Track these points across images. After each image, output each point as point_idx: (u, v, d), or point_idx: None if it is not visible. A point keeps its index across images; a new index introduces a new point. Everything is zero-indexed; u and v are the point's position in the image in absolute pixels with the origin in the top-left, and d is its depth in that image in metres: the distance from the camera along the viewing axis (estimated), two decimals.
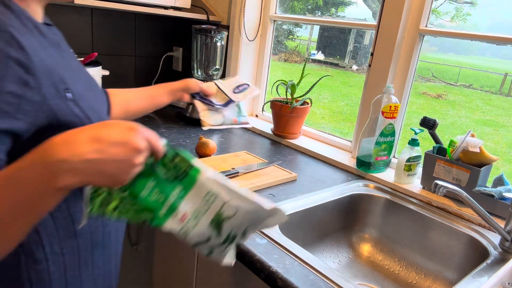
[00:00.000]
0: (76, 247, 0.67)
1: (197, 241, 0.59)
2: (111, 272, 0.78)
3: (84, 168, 0.45)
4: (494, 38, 1.08)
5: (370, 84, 1.29)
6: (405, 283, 1.04)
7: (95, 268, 0.72)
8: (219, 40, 1.65)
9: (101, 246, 0.72)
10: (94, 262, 0.71)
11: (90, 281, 0.72)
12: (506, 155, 2.49)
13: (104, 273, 0.75)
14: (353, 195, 1.14)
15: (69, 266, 0.67)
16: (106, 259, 0.75)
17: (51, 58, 0.58)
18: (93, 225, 0.69)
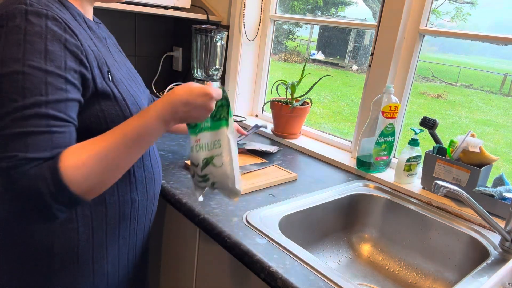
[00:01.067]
0: (105, 214, 0.74)
1: (192, 162, 0.77)
2: (136, 246, 0.84)
3: (182, 118, 0.69)
4: (494, 38, 1.08)
5: (370, 84, 1.29)
6: (405, 283, 1.04)
7: (121, 239, 0.79)
8: (219, 40, 1.65)
9: (128, 219, 0.78)
10: (121, 233, 0.78)
11: (115, 249, 0.78)
12: (506, 155, 2.50)
13: (129, 244, 0.81)
14: (353, 195, 1.14)
15: (96, 231, 0.73)
16: (132, 233, 0.81)
17: (96, 47, 0.70)
18: (121, 199, 0.76)
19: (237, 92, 1.75)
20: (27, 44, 0.58)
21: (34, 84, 0.57)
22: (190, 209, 0.93)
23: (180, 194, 0.98)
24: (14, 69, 0.57)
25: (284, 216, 0.95)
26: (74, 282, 0.74)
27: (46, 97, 0.58)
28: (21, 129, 0.56)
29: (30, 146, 0.56)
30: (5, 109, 0.57)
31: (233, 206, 0.95)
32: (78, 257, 0.73)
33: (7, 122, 0.56)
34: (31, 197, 0.56)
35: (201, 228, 0.90)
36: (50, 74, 0.59)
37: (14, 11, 0.59)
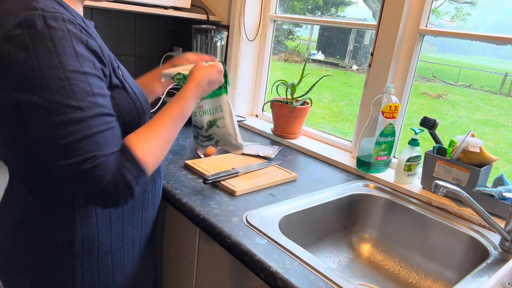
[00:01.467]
0: (121, 207, 0.78)
1: (195, 125, 0.92)
2: (147, 235, 0.88)
3: (205, 92, 0.85)
4: (494, 38, 1.08)
5: (370, 84, 1.29)
6: (405, 283, 1.04)
7: (135, 228, 0.83)
8: (219, 40, 1.65)
9: (140, 208, 0.83)
10: (134, 223, 0.82)
11: (130, 239, 0.82)
12: (506, 155, 2.50)
13: (141, 234, 0.85)
14: (353, 195, 1.14)
15: (114, 223, 0.77)
16: (144, 222, 0.85)
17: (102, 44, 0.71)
18: None
19: (237, 92, 1.75)
20: (58, 50, 0.59)
21: (81, 88, 0.60)
22: (190, 209, 0.93)
23: (180, 194, 0.98)
24: (58, 76, 0.59)
25: (284, 216, 0.95)
26: (94, 276, 0.77)
27: (94, 97, 0.62)
28: (88, 131, 0.61)
29: (102, 144, 0.62)
30: (63, 116, 0.59)
31: (233, 206, 0.95)
32: (98, 250, 0.76)
33: (71, 128, 0.59)
34: (119, 187, 0.63)
35: (201, 228, 0.90)
36: (89, 75, 0.62)
37: (32, 18, 0.59)
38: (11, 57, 0.58)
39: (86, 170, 0.60)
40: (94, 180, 0.61)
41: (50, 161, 0.61)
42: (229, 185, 1.03)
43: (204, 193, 1.01)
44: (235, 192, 1.01)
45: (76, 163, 0.60)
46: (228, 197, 1.00)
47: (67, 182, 0.62)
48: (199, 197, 0.98)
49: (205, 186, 1.04)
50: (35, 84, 0.58)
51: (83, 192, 0.62)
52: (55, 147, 0.60)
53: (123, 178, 0.64)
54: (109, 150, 0.63)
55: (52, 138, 0.59)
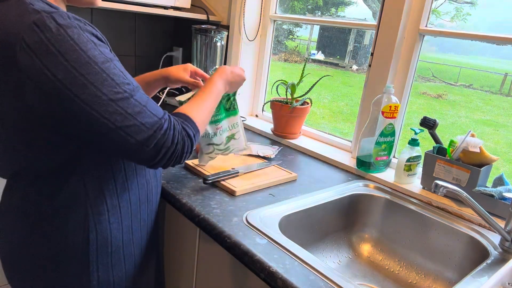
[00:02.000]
0: (129, 200, 0.80)
1: (212, 143, 1.07)
2: (152, 226, 0.91)
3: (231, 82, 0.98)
4: (494, 38, 1.08)
5: (370, 84, 1.29)
6: (405, 283, 1.04)
7: (142, 220, 0.85)
8: (219, 40, 1.65)
9: (146, 201, 0.86)
10: (141, 215, 0.85)
11: (138, 231, 0.85)
12: (506, 155, 2.49)
13: (148, 225, 0.88)
14: (353, 195, 1.14)
15: (124, 217, 0.80)
16: (149, 213, 0.88)
17: None
18: (139, 182, 0.82)
19: (237, 92, 1.75)
20: (81, 46, 0.61)
21: (116, 74, 0.65)
22: (190, 209, 0.93)
23: (180, 194, 0.98)
24: (95, 71, 0.62)
25: (284, 216, 0.95)
26: (109, 271, 0.78)
27: (126, 77, 0.67)
28: (141, 107, 0.67)
29: (156, 111, 0.69)
30: (118, 103, 0.64)
31: (233, 206, 0.95)
32: (111, 245, 0.77)
33: (128, 110, 0.65)
34: (185, 144, 0.73)
35: (201, 228, 0.90)
36: (113, 60, 0.66)
37: (42, 21, 0.59)
38: (39, 67, 0.58)
39: (159, 139, 0.68)
40: (168, 144, 0.69)
41: (121, 145, 0.66)
42: (229, 185, 1.03)
43: (204, 193, 1.01)
44: (235, 192, 1.01)
45: (149, 136, 0.67)
46: (228, 197, 1.00)
47: (143, 155, 0.68)
48: (199, 197, 0.98)
49: (205, 186, 1.04)
50: (78, 85, 0.60)
51: (159, 157, 0.69)
52: (122, 131, 0.64)
53: (188, 136, 0.74)
54: (164, 114, 0.71)
55: (116, 125, 0.63)
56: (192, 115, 0.78)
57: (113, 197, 0.76)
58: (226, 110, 1.08)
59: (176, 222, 1.06)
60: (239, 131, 1.11)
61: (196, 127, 0.78)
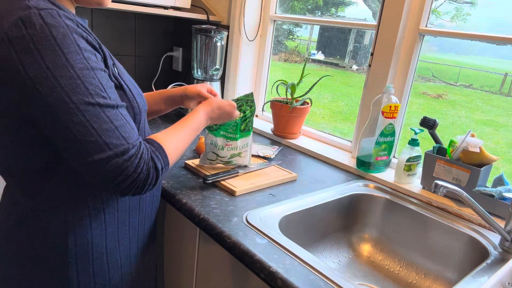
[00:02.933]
0: (116, 206, 0.77)
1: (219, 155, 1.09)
2: (145, 234, 0.87)
3: (215, 118, 0.94)
4: (494, 38, 1.08)
5: (370, 84, 1.29)
6: (405, 283, 1.04)
7: (131, 228, 0.82)
8: (219, 40, 1.65)
9: (137, 209, 0.82)
10: (130, 223, 0.82)
11: (126, 239, 0.82)
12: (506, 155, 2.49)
13: (139, 233, 0.85)
14: (353, 195, 1.14)
15: (108, 223, 0.76)
16: (141, 222, 0.85)
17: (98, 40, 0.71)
18: None
19: (237, 92, 1.75)
20: (62, 48, 0.58)
21: (93, 84, 0.61)
22: (190, 209, 0.93)
23: (180, 194, 0.98)
24: (69, 75, 0.59)
25: (284, 216, 0.95)
26: (90, 277, 0.76)
27: (106, 92, 0.63)
28: (111, 125, 0.63)
29: (128, 135, 0.65)
30: (85, 114, 0.60)
31: (233, 206, 0.95)
32: (92, 250, 0.75)
33: (94, 124, 0.61)
34: (150, 175, 0.68)
35: (201, 228, 0.90)
36: (96, 70, 0.63)
37: (29, 17, 0.57)
38: (15, 62, 0.57)
39: (120, 164, 0.63)
40: (128, 172, 0.64)
41: (78, 159, 0.62)
42: (229, 185, 1.03)
43: (204, 193, 1.01)
44: (235, 192, 1.01)
45: (109, 157, 0.62)
46: (228, 197, 1.00)
47: (98, 175, 0.63)
48: (199, 197, 0.98)
49: (205, 186, 1.04)
50: (47, 86, 0.58)
51: (116, 182, 0.64)
52: (82, 145, 0.60)
53: (155, 168, 0.69)
54: (136, 140, 0.66)
55: (77, 137, 0.60)
56: (165, 145, 0.73)
57: (97, 201, 0.74)
58: (241, 131, 1.09)
59: (176, 222, 1.05)
60: (247, 150, 1.12)
61: (167, 159, 0.73)
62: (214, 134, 1.07)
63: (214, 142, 1.07)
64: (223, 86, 1.78)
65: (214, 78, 1.70)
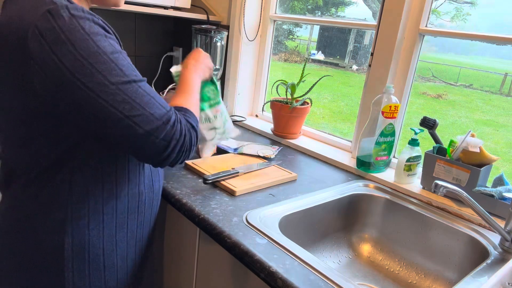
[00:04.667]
0: (115, 208, 0.77)
1: (214, 127, 1.03)
2: (143, 239, 0.87)
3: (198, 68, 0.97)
4: (494, 38, 1.08)
5: (370, 84, 1.29)
6: (405, 283, 1.04)
7: (129, 231, 0.82)
8: (219, 40, 1.65)
9: (136, 211, 0.82)
10: (129, 226, 0.82)
11: (124, 242, 0.81)
12: (506, 155, 2.49)
13: (137, 237, 0.85)
14: (353, 195, 1.14)
15: (106, 225, 0.77)
16: (139, 225, 0.85)
17: None
18: (130, 191, 0.80)
19: (237, 92, 1.75)
20: (92, 36, 0.62)
21: (125, 65, 0.65)
22: (190, 209, 0.93)
23: (180, 194, 0.98)
24: (103, 60, 0.62)
25: (284, 216, 0.95)
26: (85, 279, 0.75)
27: (135, 69, 0.68)
28: (149, 96, 0.67)
29: (163, 104, 0.69)
30: (125, 92, 0.64)
31: (233, 206, 0.95)
32: (89, 252, 0.74)
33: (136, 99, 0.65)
34: (192, 136, 0.73)
35: (201, 228, 0.90)
36: (123, 52, 0.67)
37: (57, 10, 0.60)
38: (48, 54, 0.59)
39: (168, 131, 0.67)
40: (177, 136, 0.69)
41: (129, 136, 0.65)
42: (229, 185, 1.03)
43: (204, 193, 1.01)
44: (235, 192, 1.01)
45: (158, 127, 0.66)
46: (228, 197, 1.00)
47: (152, 147, 0.67)
48: (199, 197, 0.98)
49: (205, 186, 1.04)
50: (85, 74, 0.60)
51: (168, 151, 0.68)
52: (130, 120, 0.64)
53: (193, 127, 0.74)
54: (170, 108, 0.71)
55: (124, 114, 0.63)
56: (189, 107, 0.79)
57: (98, 202, 0.74)
58: (211, 106, 1.06)
59: (176, 222, 1.05)
60: (228, 115, 1.10)
61: (196, 118, 0.78)
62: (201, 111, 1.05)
63: (206, 118, 1.02)
64: (223, 86, 1.78)
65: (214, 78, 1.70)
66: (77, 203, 0.72)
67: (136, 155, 0.71)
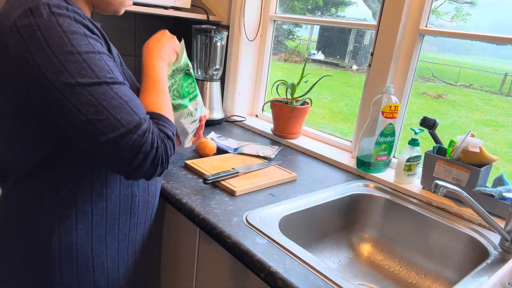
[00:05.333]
0: (104, 209, 0.75)
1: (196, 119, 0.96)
2: (136, 241, 0.86)
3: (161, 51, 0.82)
4: (494, 38, 1.08)
5: (370, 84, 1.29)
6: (405, 283, 1.04)
7: (121, 233, 0.80)
8: (219, 40, 1.65)
9: (128, 213, 0.80)
10: (120, 227, 0.80)
11: (115, 244, 0.80)
12: (506, 155, 2.49)
13: (129, 239, 0.83)
14: (353, 195, 1.14)
15: (95, 226, 0.75)
16: (132, 228, 0.83)
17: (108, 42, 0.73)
18: (122, 193, 0.78)
19: (237, 92, 1.75)
20: (68, 34, 0.60)
21: (99, 66, 0.62)
22: (190, 209, 0.93)
23: (180, 194, 0.98)
24: (74, 59, 0.60)
25: (284, 216, 0.95)
26: (74, 279, 0.75)
27: (113, 73, 0.64)
28: (121, 100, 0.62)
29: (137, 111, 0.64)
30: (93, 94, 0.60)
31: (233, 206, 0.95)
32: (77, 252, 0.73)
33: (103, 102, 0.60)
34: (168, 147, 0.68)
35: (201, 228, 0.90)
36: (102, 54, 0.64)
37: (37, 7, 0.59)
38: (22, 50, 0.58)
39: (136, 140, 0.62)
40: (147, 149, 0.63)
41: (92, 141, 0.61)
42: (229, 185, 1.03)
43: (204, 193, 1.01)
44: (235, 192, 1.01)
45: (122, 134, 0.61)
46: (228, 197, 1.00)
47: (116, 156, 0.61)
48: (199, 197, 0.98)
49: (205, 186, 1.04)
50: (54, 72, 0.58)
51: (137, 162, 0.63)
52: (93, 125, 0.60)
53: (167, 137, 0.68)
54: (146, 114, 0.66)
55: (87, 117, 0.60)
56: (162, 111, 0.72)
57: (86, 203, 0.73)
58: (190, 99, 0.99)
59: (176, 222, 1.05)
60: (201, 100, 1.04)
61: (172, 124, 0.72)
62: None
63: (188, 113, 0.96)
64: (223, 86, 1.78)
65: (214, 78, 1.70)
66: (65, 204, 0.71)
67: (104, 164, 0.67)
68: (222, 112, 1.71)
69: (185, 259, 1.03)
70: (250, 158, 1.27)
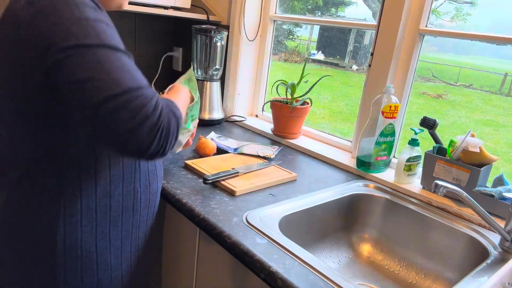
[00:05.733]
0: (109, 206, 0.76)
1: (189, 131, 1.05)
2: (139, 239, 0.86)
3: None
4: (494, 38, 1.08)
5: (370, 84, 1.29)
6: (405, 283, 1.04)
7: (124, 230, 0.81)
8: (219, 40, 1.65)
9: (131, 210, 0.81)
10: (123, 224, 0.81)
11: (118, 241, 0.80)
12: (506, 155, 2.49)
13: (132, 236, 0.84)
14: (353, 195, 1.14)
15: (100, 223, 0.76)
16: (135, 225, 0.84)
17: None
18: (125, 189, 0.79)
19: (237, 92, 1.75)
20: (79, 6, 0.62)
21: (106, 33, 0.62)
22: (190, 209, 0.93)
23: (180, 194, 0.98)
24: (80, 24, 0.60)
25: (284, 216, 0.95)
26: (78, 275, 0.75)
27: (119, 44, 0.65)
28: (127, 66, 0.62)
29: (140, 79, 0.63)
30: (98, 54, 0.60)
31: (233, 206, 0.95)
32: (81, 249, 0.74)
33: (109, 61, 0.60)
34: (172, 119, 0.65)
35: (201, 228, 0.90)
36: (111, 27, 0.65)
37: None
38: (33, 19, 0.60)
39: (139, 96, 0.59)
40: (149, 110, 0.59)
41: (89, 100, 0.57)
42: (229, 185, 1.03)
43: (204, 193, 1.01)
44: (235, 192, 1.01)
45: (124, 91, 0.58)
46: (228, 197, 1.00)
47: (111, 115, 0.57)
48: (199, 197, 0.98)
49: (205, 186, 1.04)
50: (61, 35, 0.59)
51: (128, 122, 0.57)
52: (95, 81, 0.58)
53: (174, 114, 0.65)
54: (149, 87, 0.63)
55: (88, 76, 0.58)
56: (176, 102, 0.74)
57: (91, 199, 0.73)
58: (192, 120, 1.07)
59: (176, 222, 1.05)
60: None
61: (180, 111, 0.70)
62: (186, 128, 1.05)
63: (188, 131, 1.05)
64: (223, 86, 1.78)
65: (214, 78, 1.70)
66: (69, 200, 0.71)
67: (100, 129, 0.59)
68: (222, 112, 1.71)
69: (185, 259, 1.03)
70: (250, 158, 1.27)
